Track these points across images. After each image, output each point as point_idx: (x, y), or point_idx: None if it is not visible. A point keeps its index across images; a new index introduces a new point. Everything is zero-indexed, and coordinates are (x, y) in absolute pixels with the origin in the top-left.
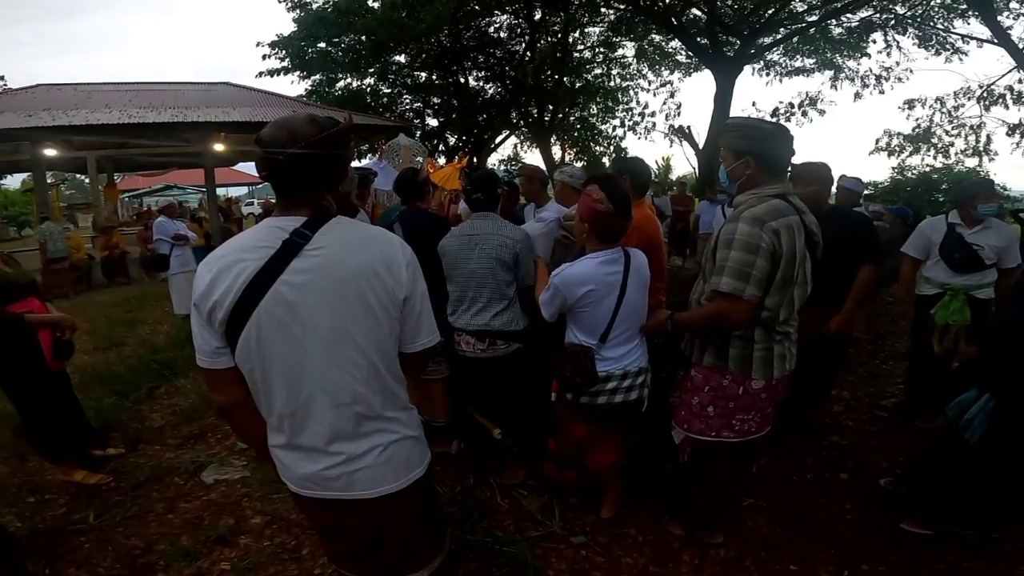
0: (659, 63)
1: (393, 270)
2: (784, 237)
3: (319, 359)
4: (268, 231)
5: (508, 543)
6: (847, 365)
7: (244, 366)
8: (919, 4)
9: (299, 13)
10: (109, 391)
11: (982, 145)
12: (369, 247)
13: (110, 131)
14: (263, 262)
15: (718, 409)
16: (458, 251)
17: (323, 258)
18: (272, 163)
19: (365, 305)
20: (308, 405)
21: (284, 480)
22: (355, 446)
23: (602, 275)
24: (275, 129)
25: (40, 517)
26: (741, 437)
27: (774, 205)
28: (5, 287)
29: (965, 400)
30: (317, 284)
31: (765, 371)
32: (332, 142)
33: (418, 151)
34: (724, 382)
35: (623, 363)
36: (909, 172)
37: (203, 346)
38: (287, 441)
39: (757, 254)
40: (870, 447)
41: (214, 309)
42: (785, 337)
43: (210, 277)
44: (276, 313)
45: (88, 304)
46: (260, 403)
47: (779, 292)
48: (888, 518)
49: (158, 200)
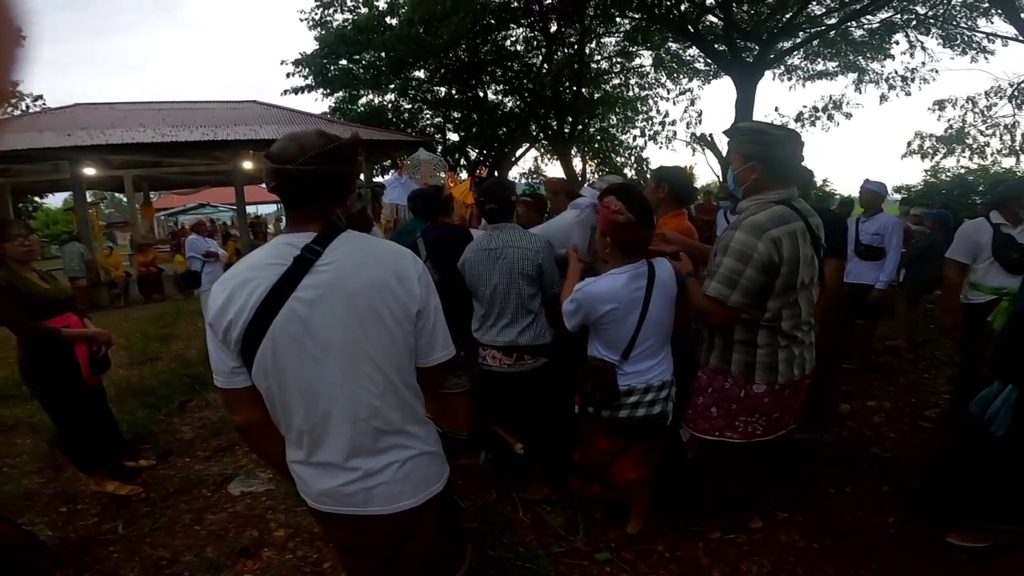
0: (677, 71)
1: (405, 283)
2: (786, 244)
3: (334, 374)
4: (279, 248)
5: (530, 559)
6: (886, 375)
7: (261, 384)
8: (940, 3)
9: (320, 31)
10: (142, 404)
11: (1018, 144)
12: (380, 261)
13: (145, 150)
14: (275, 279)
15: (721, 410)
16: (479, 266)
17: (334, 273)
18: (281, 175)
19: (378, 319)
20: (326, 421)
21: (302, 495)
22: (373, 462)
23: (627, 293)
24: (284, 142)
25: (71, 527)
26: (745, 438)
27: (777, 212)
28: (44, 303)
29: (988, 394)
30: (329, 299)
31: (768, 375)
32: (340, 155)
33: (439, 166)
34: (726, 384)
35: (646, 377)
36: (943, 174)
37: (220, 366)
38: (306, 457)
39: (748, 264)
40: (914, 459)
41: (229, 328)
42: (792, 341)
43: (224, 297)
44: (290, 330)
45: (124, 320)
46: (278, 420)
47: (781, 297)
48: (934, 532)
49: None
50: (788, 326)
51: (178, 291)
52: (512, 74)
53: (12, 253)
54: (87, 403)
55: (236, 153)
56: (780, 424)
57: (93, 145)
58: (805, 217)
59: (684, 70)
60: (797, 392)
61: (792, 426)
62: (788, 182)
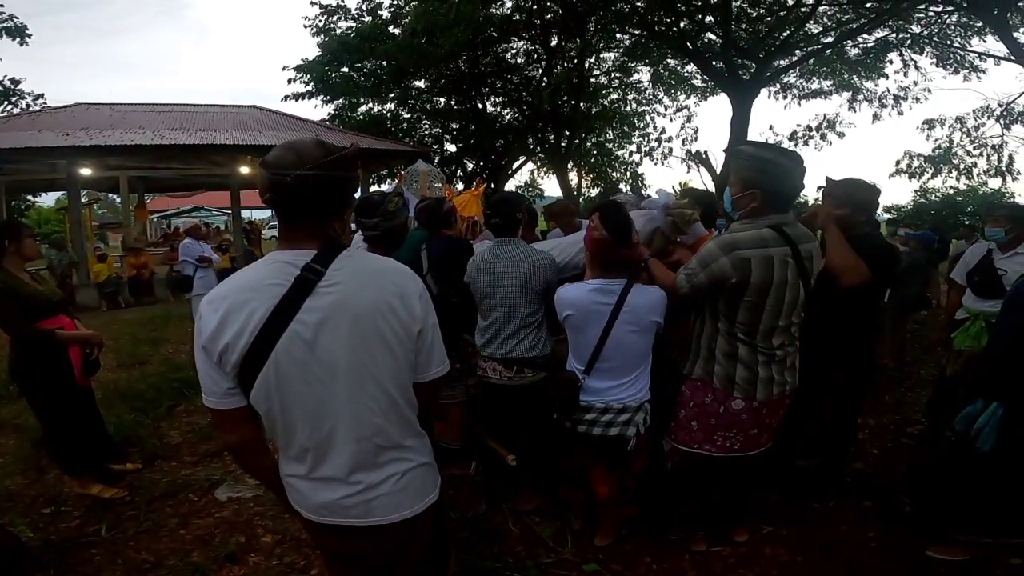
0: (675, 87)
1: (407, 303)
2: (756, 266)
3: (340, 395)
4: (276, 267)
5: (519, 569)
6: (872, 392)
7: (261, 406)
8: (935, 23)
9: (323, 38)
10: (130, 407)
11: (1004, 165)
12: (382, 281)
13: (143, 152)
14: (276, 301)
15: (700, 424)
16: (484, 279)
17: (338, 294)
18: (278, 185)
19: (382, 340)
20: (330, 439)
21: (297, 507)
22: (374, 475)
23: (587, 302)
24: (282, 151)
25: (53, 528)
26: (723, 452)
27: (761, 235)
28: (37, 304)
29: (971, 412)
30: (334, 322)
31: (747, 391)
32: (339, 165)
33: (436, 177)
34: (707, 400)
35: (606, 397)
36: (932, 195)
37: (212, 387)
38: (307, 473)
39: (704, 269)
40: (896, 475)
41: (225, 351)
42: (771, 359)
43: (218, 318)
44: (294, 353)
45: (114, 322)
46: (277, 436)
47: (749, 312)
48: (914, 545)
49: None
50: (767, 344)
51: (169, 294)
52: (511, 87)
53: (28, 252)
54: (77, 405)
55: (234, 157)
56: (758, 441)
57: (91, 146)
58: (796, 243)
59: (682, 86)
60: (775, 411)
61: (770, 444)
62: (785, 208)
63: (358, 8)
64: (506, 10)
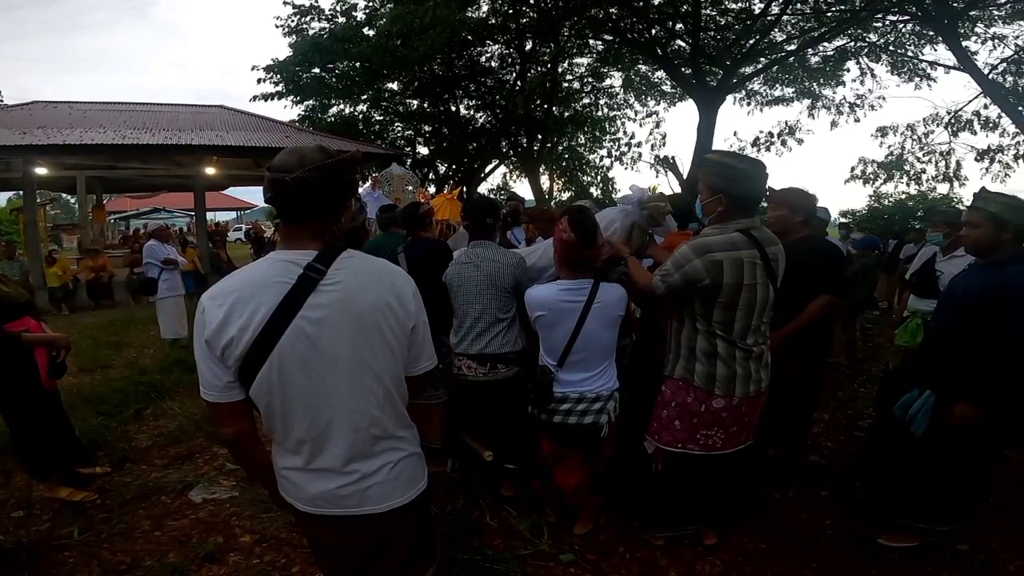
0: (645, 93)
1: (403, 302)
2: (727, 268)
3: (339, 388)
4: (280, 266)
5: (498, 561)
6: (826, 389)
7: (262, 399)
8: (890, 31)
9: (295, 39)
10: (95, 411)
11: (952, 171)
12: (380, 281)
13: (104, 151)
14: (280, 297)
15: (683, 423)
16: (458, 280)
17: (340, 293)
18: (280, 186)
19: (380, 336)
20: (328, 430)
21: (290, 500)
22: (369, 464)
23: (557, 302)
24: (285, 155)
25: (24, 532)
26: (705, 451)
27: (731, 238)
28: (3, 306)
29: (908, 399)
30: (336, 318)
31: (726, 388)
32: (338, 170)
33: (410, 180)
34: (688, 399)
35: (580, 388)
36: (886, 200)
37: (212, 381)
38: (304, 464)
39: (678, 271)
40: (849, 466)
41: (229, 346)
42: (748, 356)
43: (222, 313)
44: (297, 348)
45: (73, 325)
46: (275, 429)
47: (723, 311)
48: (867, 533)
49: (147, 223)
50: (743, 341)
51: (130, 297)
52: (485, 90)
53: None
54: (44, 408)
55: (199, 158)
56: (738, 438)
57: (49, 144)
58: (763, 246)
59: (652, 92)
60: (753, 408)
61: (750, 441)
62: (751, 212)
63: (332, 9)
64: (482, 14)
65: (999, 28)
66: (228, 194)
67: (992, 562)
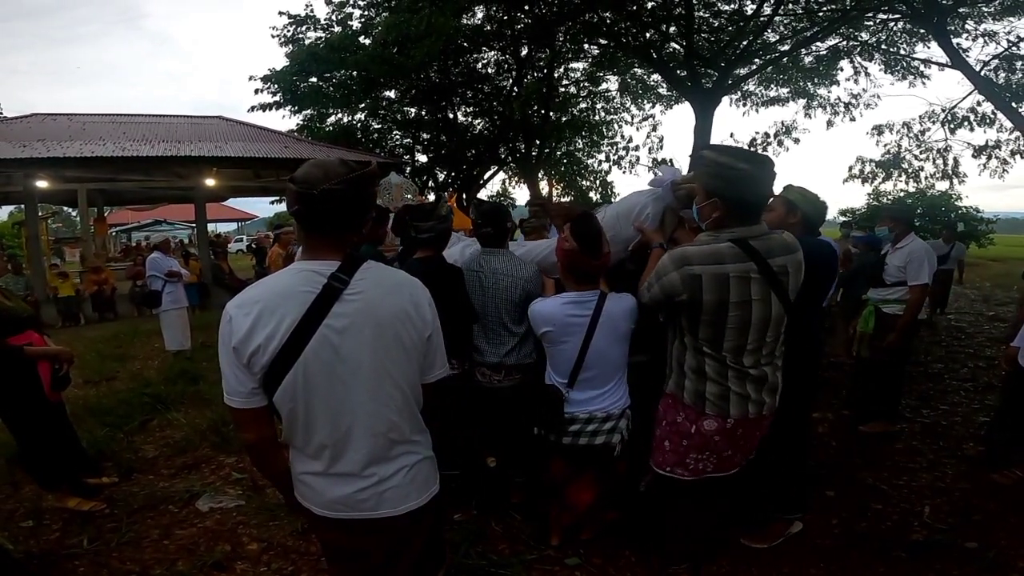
0: (641, 96)
1: (420, 311)
2: (706, 283)
3: (361, 395)
4: (305, 276)
5: (504, 565)
6: (832, 388)
7: (285, 405)
8: (881, 30)
9: (292, 48)
10: (101, 423)
11: (950, 168)
12: (400, 291)
13: (104, 164)
14: (306, 307)
15: (672, 445)
16: (469, 288)
17: (363, 302)
18: (305, 198)
19: (400, 344)
20: (348, 435)
21: (307, 504)
22: (386, 468)
23: (563, 317)
24: (309, 168)
25: (34, 541)
26: (695, 476)
27: (718, 250)
28: (7, 320)
29: None
30: (359, 327)
31: (719, 408)
32: (361, 183)
33: (408, 189)
34: (678, 419)
35: (589, 408)
36: (884, 198)
37: (237, 387)
38: (324, 469)
39: (658, 282)
40: (855, 465)
41: (256, 353)
42: (746, 376)
43: (250, 322)
44: (322, 355)
45: (77, 339)
46: (296, 434)
47: (709, 329)
48: (875, 531)
49: (148, 235)
50: (737, 361)
51: (134, 310)
52: (482, 96)
53: None
54: (49, 420)
55: (199, 169)
56: (732, 462)
57: (50, 157)
58: (764, 258)
59: (648, 95)
60: (751, 431)
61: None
62: (753, 218)
63: (328, 18)
64: (477, 20)
65: (989, 24)
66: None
67: (1001, 559)
